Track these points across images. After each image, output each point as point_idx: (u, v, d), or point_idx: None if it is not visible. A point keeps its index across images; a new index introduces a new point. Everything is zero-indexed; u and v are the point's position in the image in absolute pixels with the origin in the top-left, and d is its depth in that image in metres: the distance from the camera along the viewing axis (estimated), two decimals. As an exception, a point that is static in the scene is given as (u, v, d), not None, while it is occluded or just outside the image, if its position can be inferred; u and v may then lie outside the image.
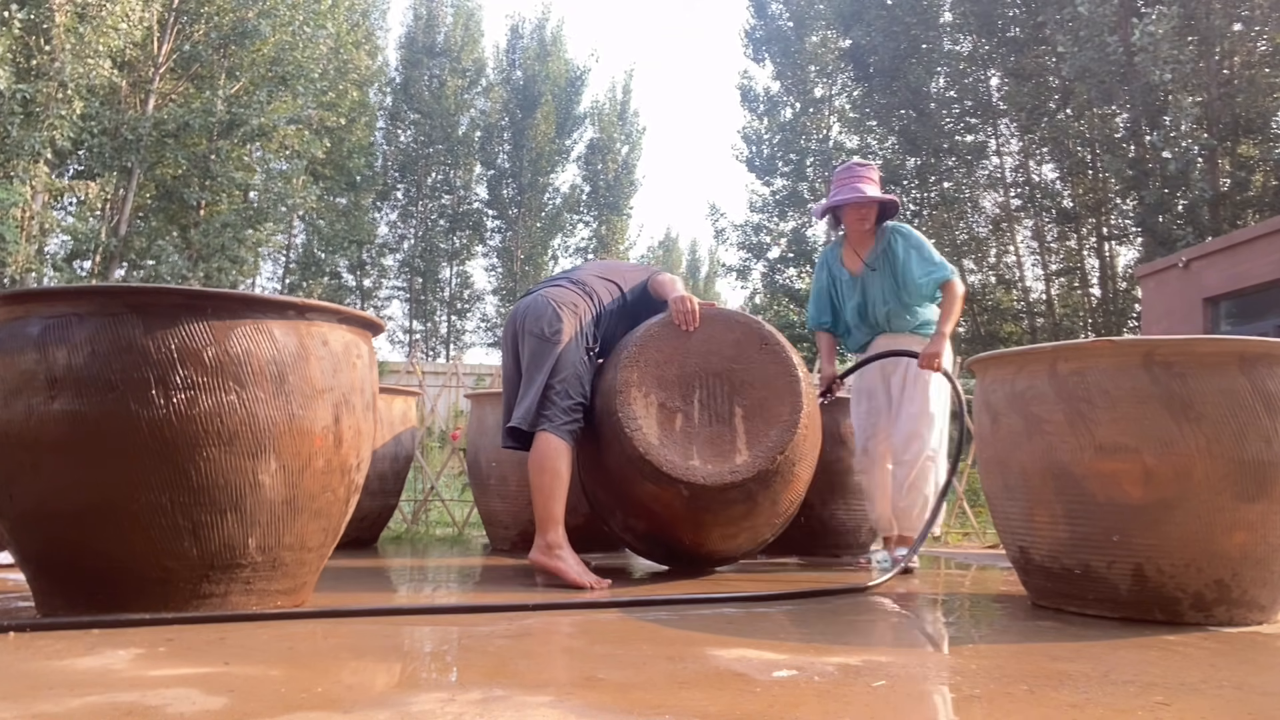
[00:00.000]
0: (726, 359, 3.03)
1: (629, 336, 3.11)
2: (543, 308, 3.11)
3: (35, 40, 12.08)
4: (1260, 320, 9.89)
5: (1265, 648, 2.08)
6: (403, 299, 26.95)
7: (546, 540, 2.92)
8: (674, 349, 3.02)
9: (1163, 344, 2.32)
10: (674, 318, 3.06)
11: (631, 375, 2.96)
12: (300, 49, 16.10)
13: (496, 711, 1.35)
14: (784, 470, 2.94)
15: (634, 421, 2.90)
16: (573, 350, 3.05)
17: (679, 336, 3.04)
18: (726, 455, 2.91)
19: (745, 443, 2.93)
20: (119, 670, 1.57)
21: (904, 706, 1.49)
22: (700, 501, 2.87)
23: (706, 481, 2.84)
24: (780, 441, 2.91)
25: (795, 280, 24.32)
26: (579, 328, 3.10)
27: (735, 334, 3.05)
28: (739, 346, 3.04)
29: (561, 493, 2.95)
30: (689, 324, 3.04)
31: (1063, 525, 2.42)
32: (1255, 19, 14.49)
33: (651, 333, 3.03)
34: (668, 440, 2.91)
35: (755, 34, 24.40)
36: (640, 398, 2.94)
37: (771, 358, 3.02)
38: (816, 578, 3.26)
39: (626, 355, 2.99)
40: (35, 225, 12.41)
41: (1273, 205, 14.75)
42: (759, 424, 2.95)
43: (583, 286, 3.24)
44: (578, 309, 3.14)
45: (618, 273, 3.39)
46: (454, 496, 6.16)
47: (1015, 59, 19.08)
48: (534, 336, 3.07)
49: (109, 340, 2.00)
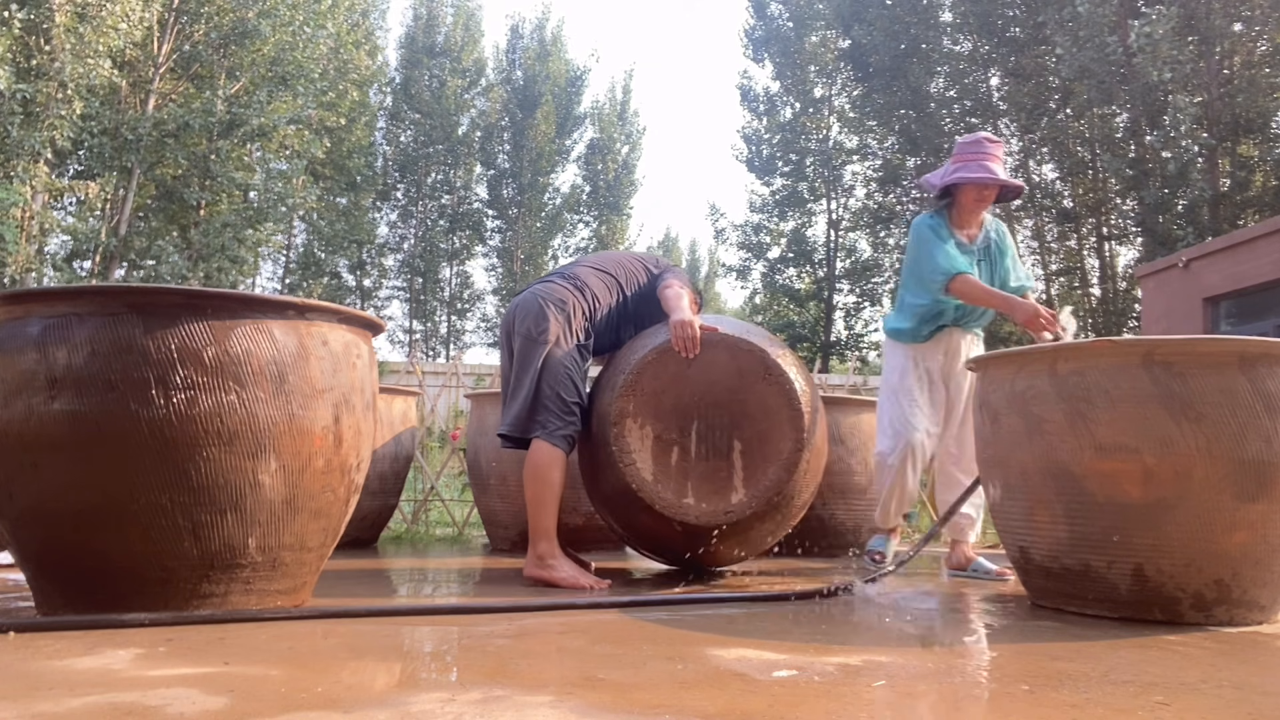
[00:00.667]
0: (728, 389, 2.89)
1: (627, 358, 2.98)
2: (530, 306, 3.06)
3: (35, 40, 12.09)
4: (1260, 320, 9.90)
5: (1265, 648, 2.08)
6: (403, 299, 26.98)
7: (538, 552, 2.89)
8: (673, 376, 2.89)
9: (1163, 344, 2.32)
10: (673, 343, 2.90)
11: (628, 405, 2.86)
12: (300, 49, 16.10)
13: (496, 711, 1.35)
14: (782, 506, 2.90)
15: (628, 455, 2.83)
16: (562, 349, 2.98)
17: (679, 363, 2.89)
18: (722, 493, 2.84)
19: (742, 479, 2.85)
20: (119, 670, 1.57)
21: (904, 706, 1.49)
22: (696, 536, 2.88)
23: (699, 522, 2.82)
24: (778, 480, 2.84)
25: (795, 280, 24.34)
26: (569, 325, 3.02)
27: (738, 362, 2.90)
28: (741, 376, 2.89)
29: (553, 503, 2.91)
30: (689, 352, 2.89)
31: (1063, 525, 2.42)
32: (1255, 19, 14.50)
33: (649, 359, 2.89)
34: (662, 475, 2.84)
35: (755, 34, 24.42)
36: (635, 429, 2.85)
37: (775, 389, 2.88)
38: (817, 577, 3.26)
39: (624, 382, 2.88)
40: (35, 225, 12.41)
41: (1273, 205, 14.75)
42: (758, 460, 2.86)
43: (575, 281, 3.15)
44: (566, 305, 3.05)
45: (617, 264, 3.29)
46: (454, 496, 6.16)
47: (1015, 59, 19.08)
48: (522, 336, 3.03)
49: (109, 340, 2.00)
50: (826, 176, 24.11)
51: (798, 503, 2.98)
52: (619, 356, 3.09)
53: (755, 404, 2.88)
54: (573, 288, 3.12)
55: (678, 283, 3.18)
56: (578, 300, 3.09)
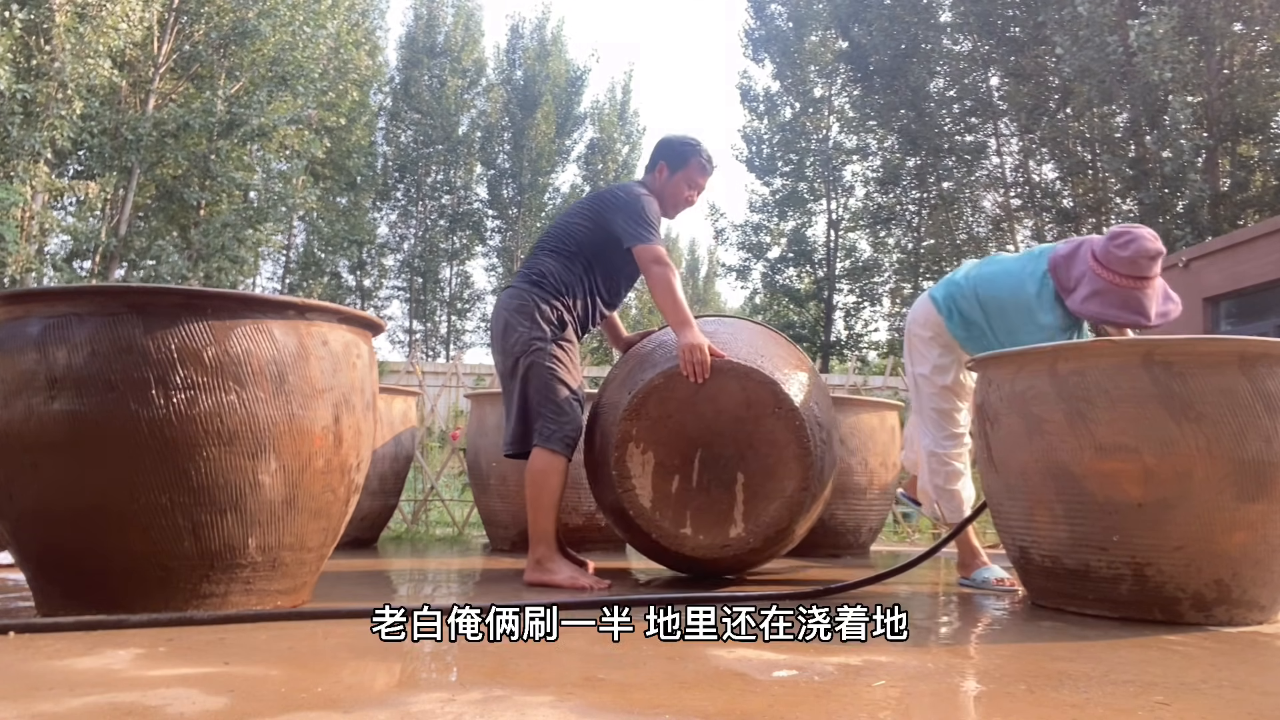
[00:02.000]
0: (735, 418, 2.76)
1: (635, 378, 2.86)
2: (497, 324, 3.05)
3: (35, 40, 12.08)
4: (1260, 320, 9.90)
5: (1265, 648, 2.08)
6: (403, 299, 26.98)
7: (536, 557, 2.89)
8: (679, 403, 2.78)
9: (1163, 344, 2.31)
10: (682, 368, 2.78)
11: (630, 429, 2.78)
12: (300, 49, 16.10)
13: (496, 711, 1.35)
14: (782, 538, 2.87)
15: (628, 480, 2.78)
16: (539, 352, 2.93)
17: (686, 389, 2.77)
18: (721, 525, 2.78)
19: (742, 513, 2.77)
20: (119, 670, 1.57)
21: (904, 706, 1.49)
22: (693, 562, 2.87)
23: (696, 554, 2.80)
24: (779, 519, 2.76)
25: (795, 280, 24.33)
26: (537, 324, 2.96)
27: (748, 393, 2.76)
28: (750, 407, 2.76)
29: (552, 508, 2.89)
30: (699, 377, 2.77)
31: (1063, 525, 2.42)
32: (1255, 19, 14.50)
33: (655, 383, 2.78)
34: (661, 503, 2.78)
35: (755, 34, 24.41)
36: (637, 453, 2.79)
37: (784, 424, 2.74)
38: (817, 577, 3.26)
39: (628, 404, 2.79)
40: (35, 225, 12.41)
41: (1273, 205, 14.75)
42: (760, 496, 2.76)
43: (529, 276, 3.06)
44: (527, 306, 2.98)
45: (563, 231, 3.13)
46: (454, 496, 6.16)
47: (1015, 59, 19.09)
48: (500, 355, 3.04)
49: (109, 340, 2.00)
50: (826, 176, 24.11)
51: (799, 532, 2.94)
52: (627, 375, 2.97)
53: (762, 437, 2.76)
54: (528, 285, 3.04)
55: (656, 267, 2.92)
56: (536, 296, 3.01)
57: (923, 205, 22.89)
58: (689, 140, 3.21)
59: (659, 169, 3.17)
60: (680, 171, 3.16)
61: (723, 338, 2.90)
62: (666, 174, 3.16)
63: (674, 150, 3.18)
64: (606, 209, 3.09)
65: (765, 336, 3.11)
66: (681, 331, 2.83)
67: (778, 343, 3.11)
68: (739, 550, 2.77)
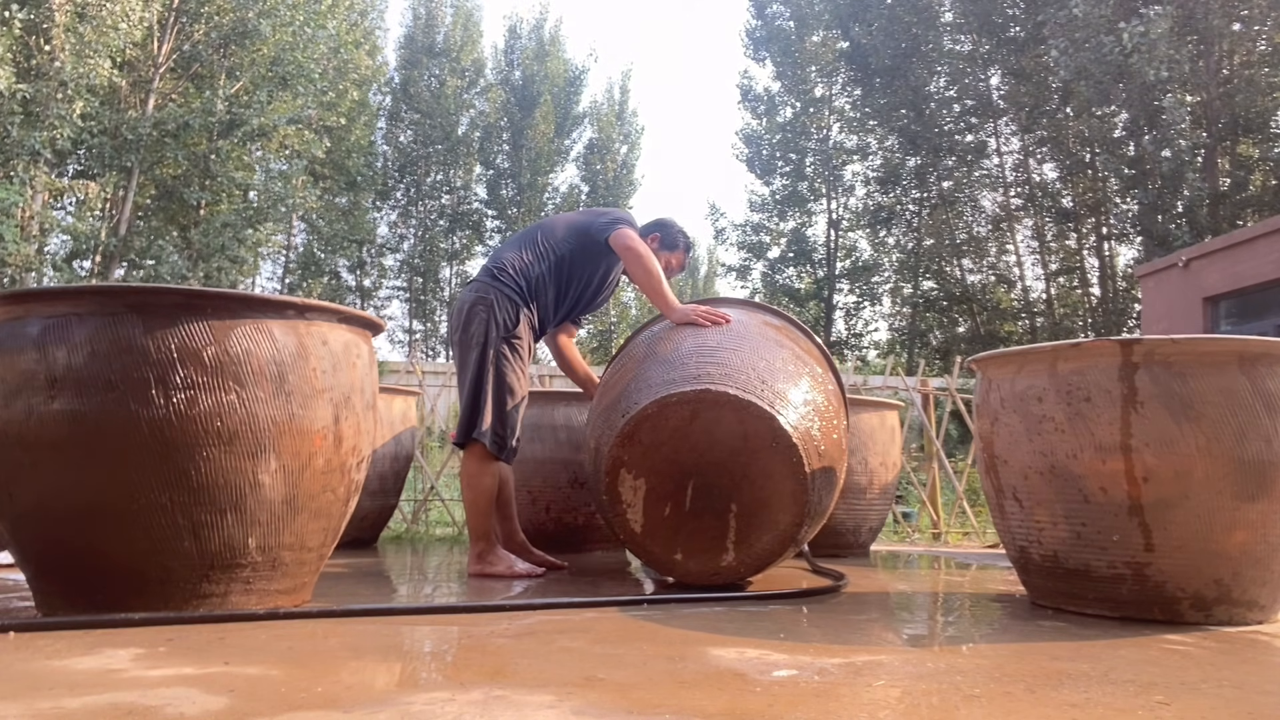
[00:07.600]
0: (730, 450, 2.69)
1: (631, 399, 2.80)
2: (457, 313, 3.20)
3: (35, 40, 12.09)
4: (1260, 320, 9.90)
5: (1265, 648, 2.08)
6: (403, 299, 27.00)
7: (476, 551, 3.12)
8: (673, 431, 2.70)
9: (1163, 344, 2.31)
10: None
11: (622, 454, 2.73)
12: (300, 49, 16.09)
13: (496, 711, 1.35)
14: (773, 564, 2.85)
15: (619, 505, 2.76)
16: (488, 350, 3.08)
17: (680, 418, 2.70)
18: (713, 552, 2.74)
19: (734, 541, 2.72)
20: (119, 670, 1.57)
21: (904, 706, 1.49)
22: (688, 584, 2.85)
23: (685, 580, 2.79)
24: (771, 551, 2.73)
25: (795, 280, 24.34)
26: (494, 319, 3.09)
27: (745, 426, 2.67)
28: (747, 439, 2.68)
29: (486, 505, 3.11)
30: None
31: (1063, 525, 2.42)
32: (1254, 18, 14.51)
33: (649, 412, 2.70)
34: (651, 529, 2.75)
35: (755, 34, 24.43)
36: (629, 479, 2.74)
37: (781, 459, 2.67)
38: (816, 576, 3.26)
39: (621, 429, 2.72)
40: (35, 225, 12.42)
41: (1272, 205, 14.76)
42: (753, 527, 2.72)
43: (491, 273, 3.18)
44: (487, 299, 3.11)
45: (544, 232, 3.30)
46: (454, 496, 6.15)
47: (1015, 59, 19.09)
48: (455, 345, 3.17)
49: (109, 340, 2.00)
50: (826, 176, 24.12)
51: (792, 554, 2.92)
52: (623, 395, 2.89)
53: (758, 470, 2.70)
54: (489, 280, 3.17)
55: (634, 248, 3.11)
56: (497, 293, 3.13)
57: (923, 205, 22.90)
58: (685, 234, 3.54)
59: (652, 238, 3.39)
60: (668, 251, 3.45)
61: (727, 347, 2.85)
62: (656, 245, 3.40)
63: (670, 233, 3.47)
64: (587, 214, 3.37)
65: (774, 333, 3.03)
66: (670, 315, 3.04)
67: (786, 339, 3.03)
68: (730, 578, 2.78)
